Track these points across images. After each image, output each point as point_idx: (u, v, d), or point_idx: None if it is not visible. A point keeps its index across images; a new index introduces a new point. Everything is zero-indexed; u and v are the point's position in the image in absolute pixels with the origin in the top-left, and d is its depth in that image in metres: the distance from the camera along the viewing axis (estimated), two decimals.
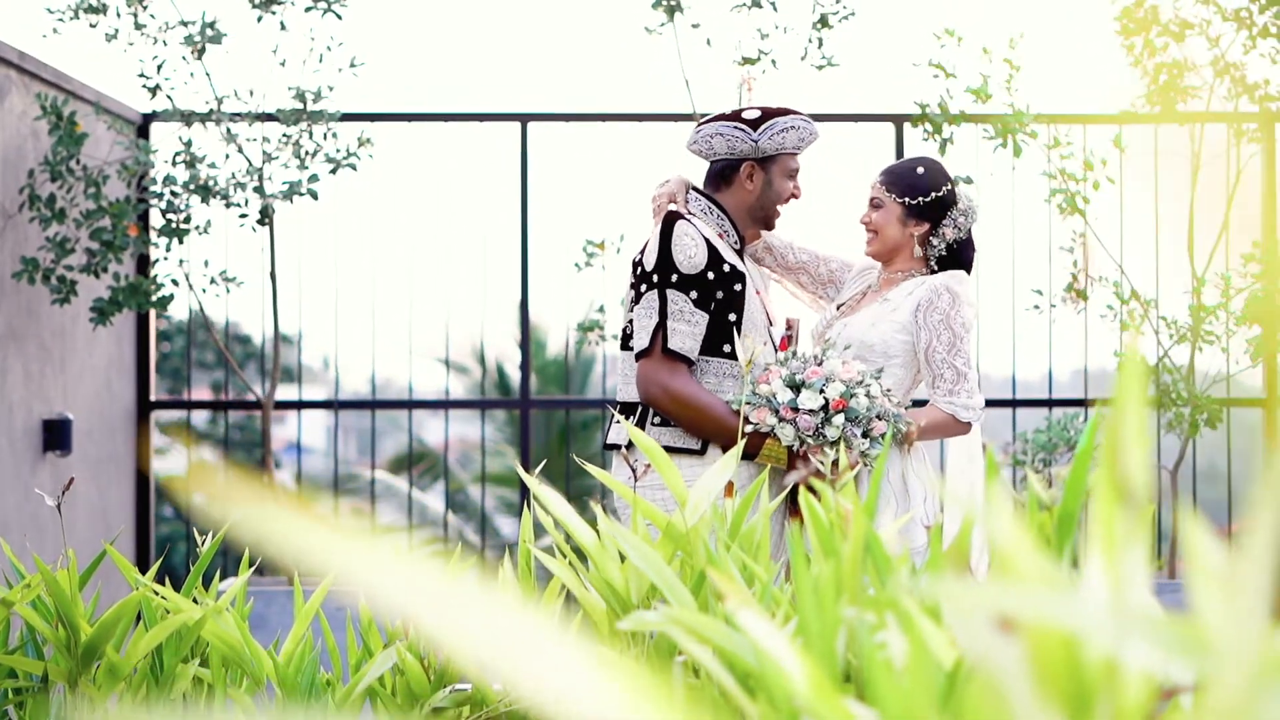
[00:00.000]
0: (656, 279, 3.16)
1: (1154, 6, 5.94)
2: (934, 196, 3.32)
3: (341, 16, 5.69)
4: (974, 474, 3.33)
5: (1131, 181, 6.23)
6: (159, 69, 5.69)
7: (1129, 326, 5.98)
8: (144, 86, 5.72)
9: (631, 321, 3.25)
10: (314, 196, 5.67)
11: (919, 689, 0.84)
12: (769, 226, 3.37)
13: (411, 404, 6.59)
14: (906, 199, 3.32)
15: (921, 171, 3.34)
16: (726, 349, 3.19)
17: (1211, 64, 6.01)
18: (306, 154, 5.70)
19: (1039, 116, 6.02)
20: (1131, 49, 5.97)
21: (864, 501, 1.42)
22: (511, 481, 12.65)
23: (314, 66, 5.75)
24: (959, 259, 3.35)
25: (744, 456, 3.06)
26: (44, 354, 5.60)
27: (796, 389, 3.06)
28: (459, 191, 7.45)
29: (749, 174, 3.29)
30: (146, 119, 6.21)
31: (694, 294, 3.15)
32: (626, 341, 3.29)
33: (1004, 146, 6.02)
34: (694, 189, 3.34)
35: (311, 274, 10.92)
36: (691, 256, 3.15)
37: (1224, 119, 6.08)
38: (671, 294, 3.15)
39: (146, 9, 5.67)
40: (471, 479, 13.86)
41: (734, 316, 3.18)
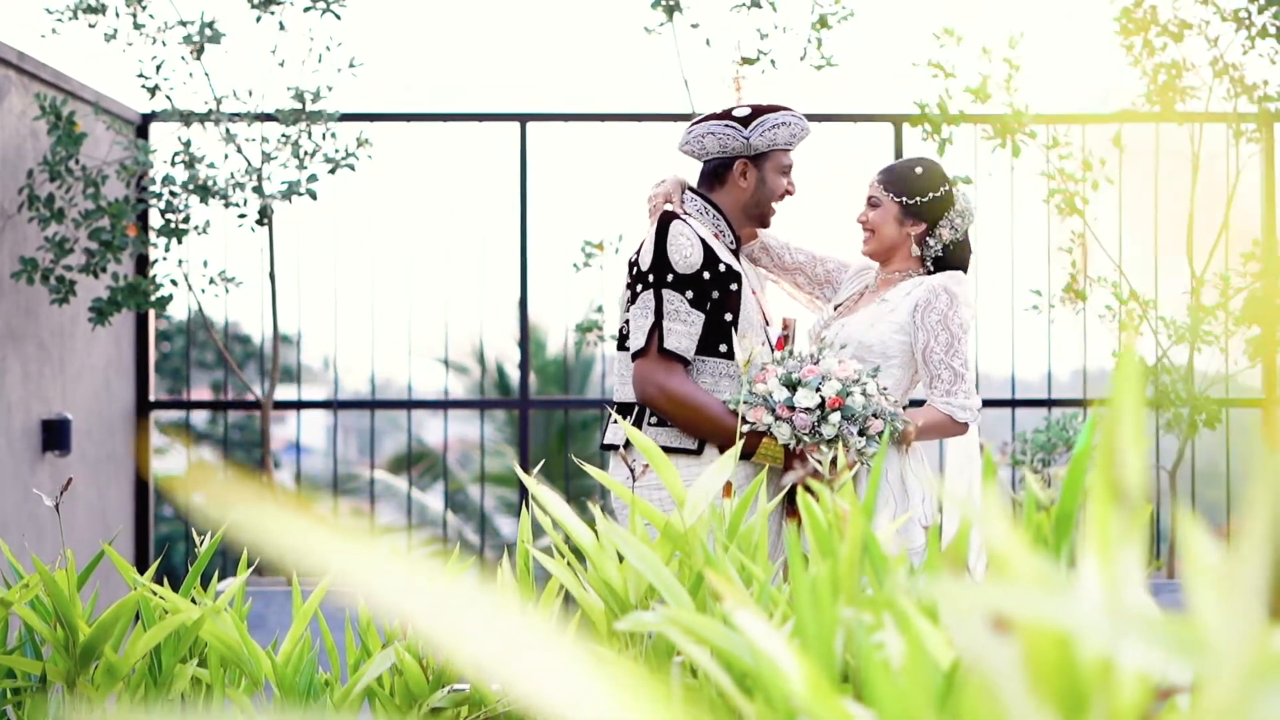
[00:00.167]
0: (652, 279, 3.16)
1: (1153, 7, 5.94)
2: (931, 197, 3.32)
3: (340, 16, 5.69)
4: (972, 474, 3.33)
5: (1130, 182, 6.23)
6: (158, 69, 5.69)
7: (1127, 327, 5.98)
8: (143, 86, 5.72)
9: (628, 322, 3.25)
10: (313, 196, 5.67)
11: (916, 689, 0.84)
12: (765, 224, 3.37)
13: (411, 404, 6.59)
14: (904, 199, 3.32)
15: (920, 171, 3.34)
16: (722, 349, 3.19)
17: (1210, 64, 6.01)
18: (305, 154, 5.70)
19: (1038, 116, 6.02)
20: (1130, 49, 5.98)
21: (862, 502, 1.42)
22: (511, 481, 12.64)
23: (313, 66, 5.75)
24: (955, 260, 3.36)
25: (741, 456, 3.07)
26: (43, 354, 5.60)
27: (793, 387, 3.06)
28: (458, 191, 7.45)
29: (742, 172, 3.29)
30: (145, 119, 6.21)
31: (690, 294, 3.15)
32: (623, 342, 3.29)
33: (1002, 147, 6.02)
34: (690, 189, 3.34)
35: (311, 274, 10.93)
36: (687, 256, 3.15)
37: (1223, 119, 6.08)
38: (667, 294, 3.15)
39: (145, 9, 5.67)
40: (471, 479, 13.86)
41: (730, 316, 3.18)
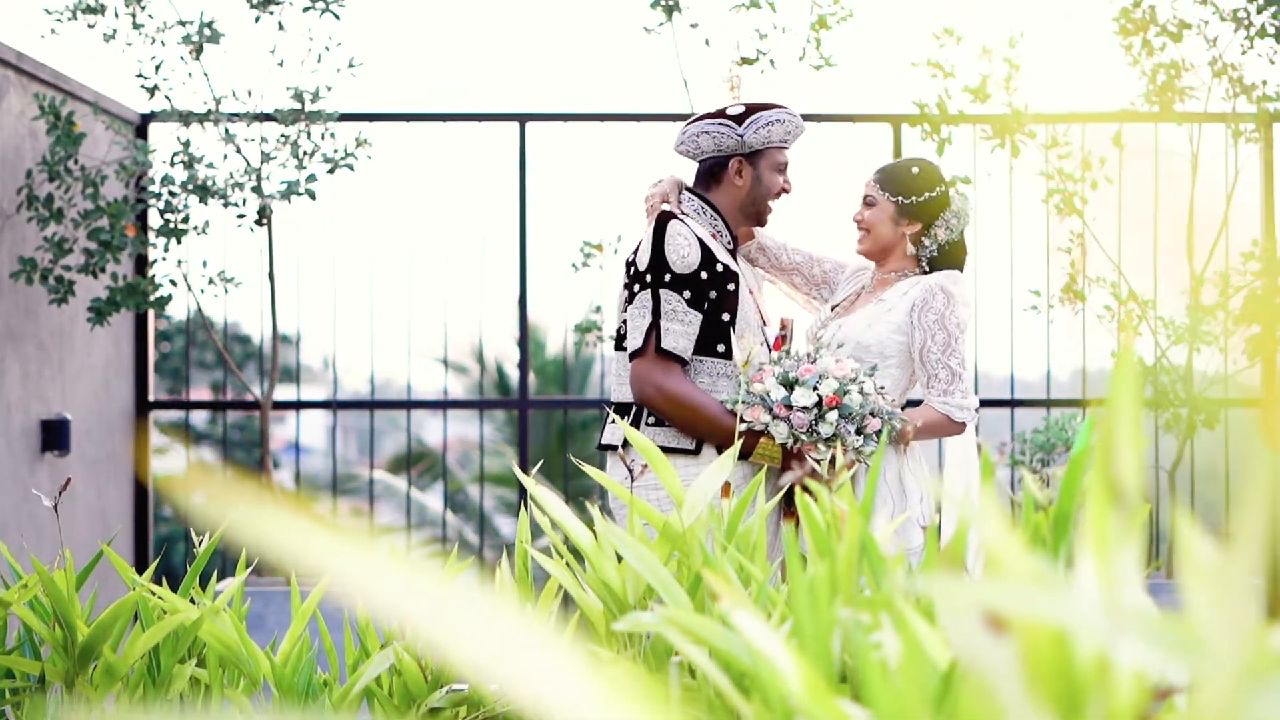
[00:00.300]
0: (650, 279, 3.16)
1: (1152, 7, 5.94)
2: (927, 197, 3.33)
3: (339, 16, 5.69)
4: (970, 474, 3.33)
5: (1130, 182, 6.23)
6: (157, 69, 5.69)
7: (1126, 327, 5.98)
8: (142, 87, 5.72)
9: (625, 322, 3.26)
10: (312, 196, 5.67)
11: (912, 689, 0.84)
12: (761, 222, 3.37)
13: (410, 404, 6.59)
14: (900, 198, 3.33)
15: (916, 171, 3.35)
16: (720, 349, 3.19)
17: (1209, 64, 6.02)
18: (304, 154, 5.70)
19: (1038, 116, 6.02)
20: (1129, 49, 5.98)
21: (860, 502, 1.42)
22: (511, 481, 12.64)
23: (312, 66, 5.75)
24: (951, 260, 3.36)
25: (738, 456, 3.07)
26: (42, 354, 5.60)
27: (790, 387, 3.07)
28: (457, 191, 7.45)
29: (738, 170, 3.29)
30: (144, 119, 6.21)
31: (687, 294, 3.15)
32: (620, 342, 3.29)
33: (1001, 147, 6.02)
34: (686, 189, 3.34)
35: (310, 274, 10.93)
36: (685, 256, 3.15)
37: (1222, 119, 6.08)
38: (665, 294, 3.15)
39: (144, 9, 5.67)
40: (471, 479, 13.86)
41: (727, 316, 3.19)
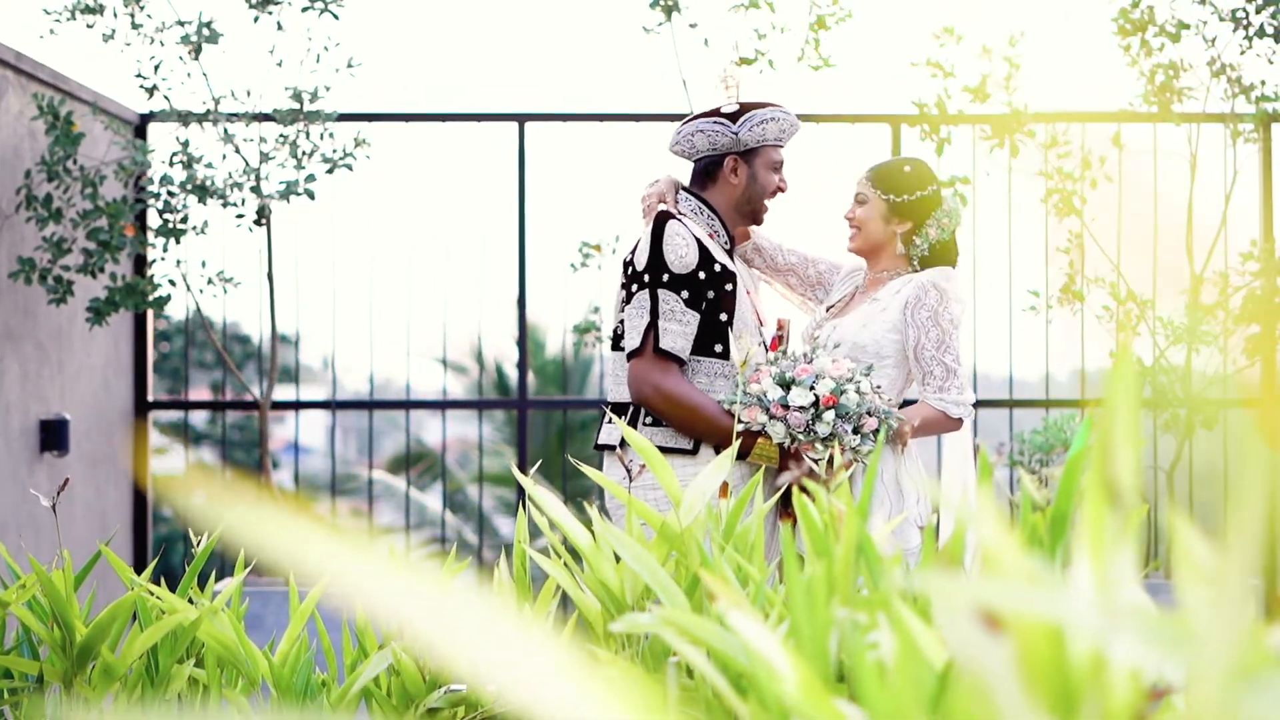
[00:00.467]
0: (648, 279, 3.17)
1: (1150, 7, 5.94)
2: (918, 195, 3.33)
3: (338, 16, 5.69)
4: (967, 475, 3.33)
5: (1129, 182, 6.23)
6: (156, 69, 5.69)
7: (1125, 327, 5.98)
8: (141, 87, 5.72)
9: (622, 322, 3.26)
10: (311, 197, 5.67)
11: (907, 689, 0.84)
12: (757, 222, 3.37)
13: (409, 404, 6.59)
14: (890, 196, 3.34)
15: (908, 170, 3.36)
16: (718, 349, 3.20)
17: (1208, 64, 6.02)
18: (303, 154, 5.70)
19: (1037, 115, 6.02)
20: (1128, 49, 5.98)
21: (857, 502, 1.42)
22: (510, 481, 12.64)
23: (311, 67, 5.75)
24: (942, 260, 3.36)
25: (736, 457, 3.07)
26: (41, 354, 5.60)
27: (787, 387, 3.07)
28: (456, 191, 7.46)
29: (733, 168, 3.29)
30: (143, 119, 6.21)
31: (685, 294, 3.15)
32: (617, 342, 3.29)
33: (1000, 146, 6.02)
34: (683, 189, 3.34)
35: (309, 274, 10.92)
36: (683, 256, 3.15)
37: (1220, 119, 6.08)
38: (663, 294, 3.15)
39: (143, 9, 5.67)
40: (470, 479, 13.86)
41: (725, 317, 3.19)
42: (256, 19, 5.71)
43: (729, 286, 3.19)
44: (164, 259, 5.78)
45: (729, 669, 1.25)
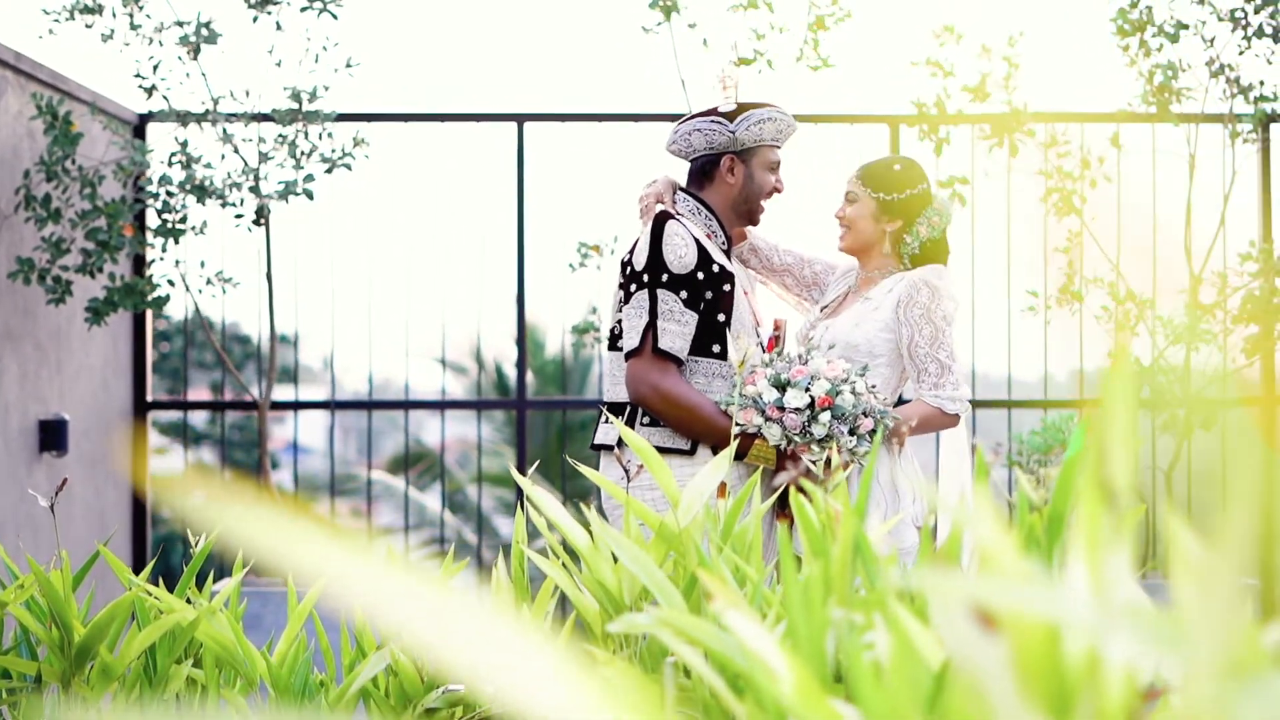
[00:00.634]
0: (647, 279, 3.17)
1: (1149, 8, 5.95)
2: (908, 193, 3.34)
3: (337, 16, 5.69)
4: (964, 475, 3.33)
5: (1127, 181, 6.23)
6: (155, 69, 5.69)
7: (1124, 327, 5.98)
8: (140, 87, 5.72)
9: (620, 321, 3.25)
10: (310, 197, 5.67)
11: (903, 689, 0.84)
12: (754, 222, 3.37)
13: (409, 404, 6.59)
14: (880, 194, 3.34)
15: (898, 169, 3.36)
16: (715, 349, 3.20)
17: (1207, 65, 6.02)
18: (302, 154, 5.70)
19: (1037, 115, 6.02)
20: (1127, 50, 5.98)
21: (854, 502, 1.42)
22: (509, 482, 12.64)
23: (309, 66, 5.75)
24: (932, 259, 3.36)
25: (733, 457, 3.07)
26: (40, 354, 5.60)
27: (782, 388, 3.07)
28: (455, 192, 7.46)
29: (730, 168, 3.29)
30: (142, 119, 6.21)
31: (684, 294, 3.15)
32: (615, 342, 3.29)
33: (999, 146, 6.02)
34: (680, 189, 3.34)
35: (308, 274, 10.91)
36: (682, 256, 3.15)
37: (1219, 120, 6.08)
38: (662, 294, 3.15)
39: (142, 9, 5.67)
40: (470, 479, 13.86)
41: (723, 317, 3.19)
42: (255, 19, 5.71)
43: (727, 287, 3.19)
44: (163, 259, 5.78)
45: (726, 669, 1.25)
